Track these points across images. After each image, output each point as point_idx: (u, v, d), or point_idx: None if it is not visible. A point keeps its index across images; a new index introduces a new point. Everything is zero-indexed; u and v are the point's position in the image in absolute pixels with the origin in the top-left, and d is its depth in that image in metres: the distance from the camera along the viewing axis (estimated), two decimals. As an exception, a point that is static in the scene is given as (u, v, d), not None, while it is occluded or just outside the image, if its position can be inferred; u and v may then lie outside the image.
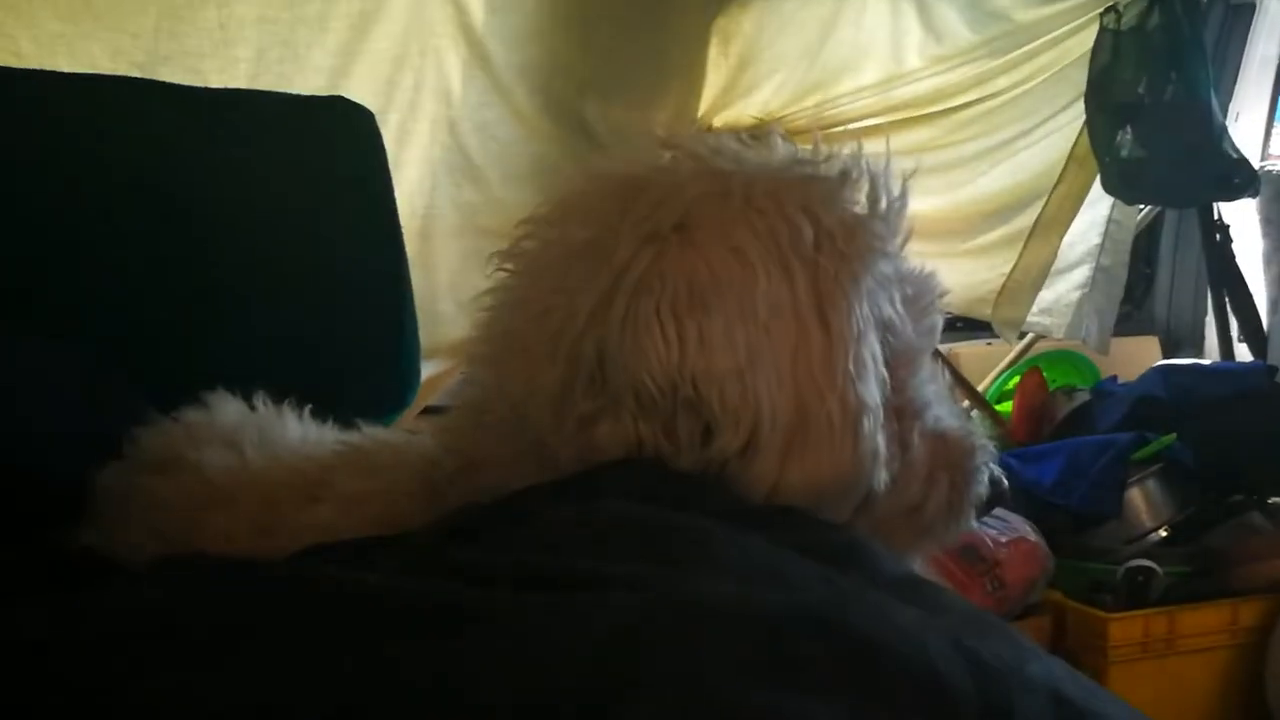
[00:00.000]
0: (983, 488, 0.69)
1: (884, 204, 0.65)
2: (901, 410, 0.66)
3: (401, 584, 0.41)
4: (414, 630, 0.38)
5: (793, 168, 0.65)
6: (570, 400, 0.61)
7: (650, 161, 0.66)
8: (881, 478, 0.61)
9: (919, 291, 0.67)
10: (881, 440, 0.61)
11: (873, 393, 0.60)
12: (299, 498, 0.71)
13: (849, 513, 0.61)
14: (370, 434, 0.80)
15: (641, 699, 0.34)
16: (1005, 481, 0.71)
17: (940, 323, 0.70)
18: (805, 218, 0.61)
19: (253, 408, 0.88)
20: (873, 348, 0.61)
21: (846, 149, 0.67)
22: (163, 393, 0.93)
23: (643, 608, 0.39)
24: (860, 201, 0.65)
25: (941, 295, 0.69)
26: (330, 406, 0.92)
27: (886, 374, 0.63)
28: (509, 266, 0.67)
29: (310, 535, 0.63)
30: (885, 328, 0.64)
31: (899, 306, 0.65)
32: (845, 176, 0.65)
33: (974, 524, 0.70)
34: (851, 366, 0.59)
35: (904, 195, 0.67)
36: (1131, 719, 0.40)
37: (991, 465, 0.70)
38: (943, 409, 0.69)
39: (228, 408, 0.87)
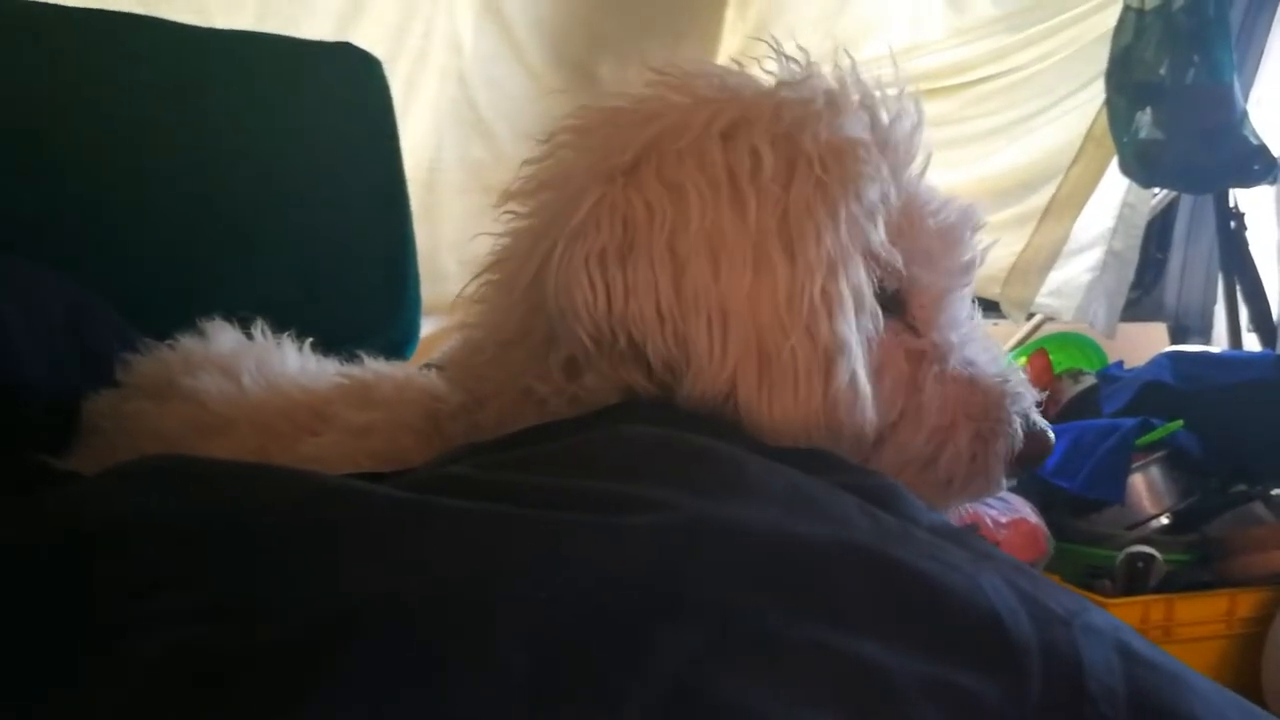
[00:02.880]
0: (1015, 440, 0.62)
1: (883, 125, 0.61)
2: (920, 353, 0.62)
3: (439, 500, 0.37)
4: (450, 533, 0.35)
5: (774, 93, 0.61)
6: (550, 345, 0.59)
7: (635, 94, 0.63)
8: (869, 420, 0.57)
9: (946, 224, 0.63)
10: (864, 379, 0.57)
11: (847, 328, 0.56)
12: (298, 428, 0.68)
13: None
14: (372, 367, 0.78)
15: (683, 625, 0.32)
16: (1050, 434, 0.65)
17: (975, 260, 0.65)
18: (772, 146, 0.57)
19: (250, 337, 0.86)
20: (855, 280, 0.57)
21: (842, 67, 0.63)
22: (162, 337, 0.91)
23: (684, 530, 0.36)
24: (851, 123, 0.60)
25: (976, 228, 0.65)
26: (339, 357, 0.90)
27: (878, 307, 0.59)
28: (512, 205, 0.65)
29: (312, 466, 0.60)
30: (876, 258, 0.59)
31: (926, 238, 0.61)
32: (829, 98, 0.61)
33: (1005, 480, 0.64)
34: (818, 300, 0.55)
35: (910, 116, 0.63)
36: (1194, 676, 0.37)
37: (1033, 414, 0.64)
38: (977, 353, 0.64)
39: (224, 336, 0.85)
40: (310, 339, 0.91)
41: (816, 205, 0.56)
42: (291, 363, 0.83)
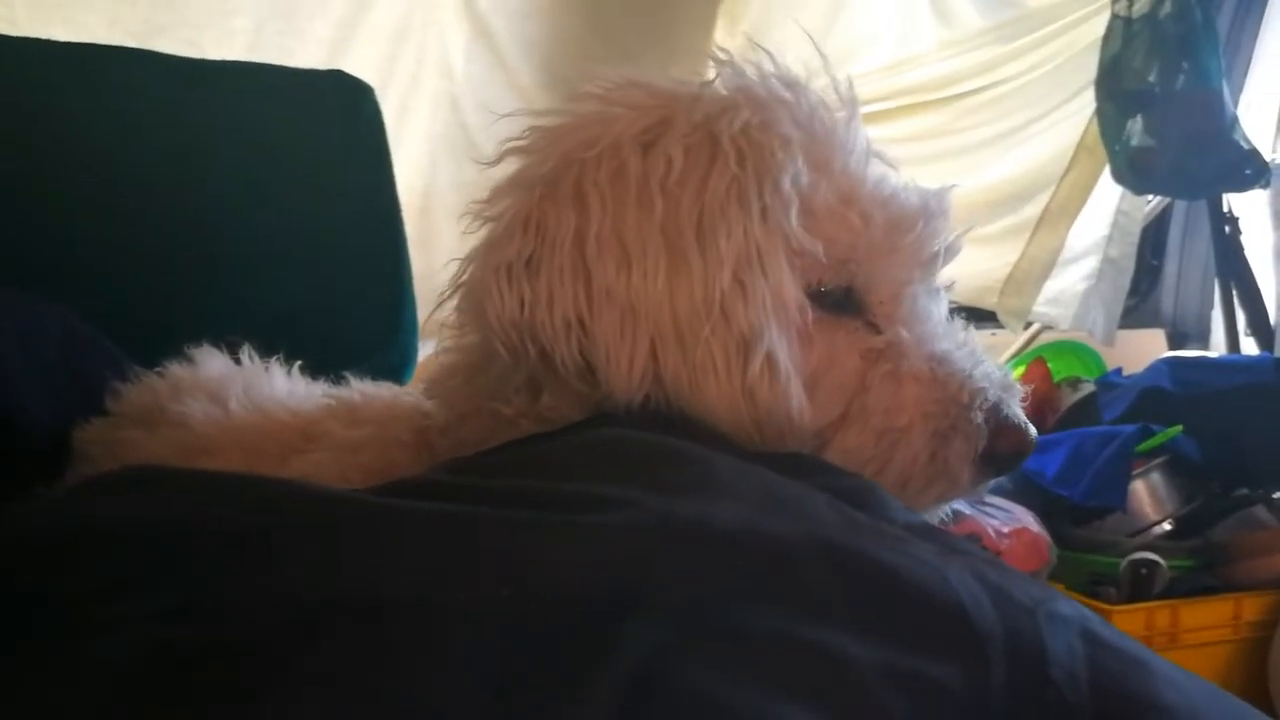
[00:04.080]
0: (977, 438, 0.59)
1: (807, 117, 0.61)
2: (876, 351, 0.60)
3: (400, 501, 0.38)
4: (416, 534, 0.35)
5: (697, 94, 0.61)
6: (514, 367, 0.60)
7: (577, 108, 0.63)
8: (794, 409, 0.56)
9: (897, 215, 0.61)
10: (785, 367, 0.56)
11: (761, 315, 0.55)
12: (285, 449, 0.69)
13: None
14: (359, 388, 0.79)
15: (648, 618, 0.32)
16: (1027, 429, 0.61)
17: (938, 251, 0.63)
18: (686, 147, 0.57)
19: (239, 363, 0.86)
20: (773, 269, 0.56)
21: (760, 63, 0.63)
22: (155, 363, 0.92)
23: (649, 527, 0.36)
24: (769, 117, 0.59)
25: (935, 217, 0.63)
26: (328, 380, 0.91)
27: (804, 299, 0.58)
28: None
29: None
30: (802, 252, 0.58)
31: (875, 231, 0.60)
32: (748, 94, 0.61)
33: (978, 480, 0.61)
34: (730, 289, 0.55)
35: (842, 106, 0.62)
36: (1159, 662, 0.37)
37: (1007, 409, 0.60)
38: (950, 349, 0.61)
39: (213, 362, 0.86)
40: (302, 363, 0.91)
41: (730, 199, 0.56)
42: (279, 386, 0.83)
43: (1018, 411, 0.61)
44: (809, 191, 0.59)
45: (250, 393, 0.80)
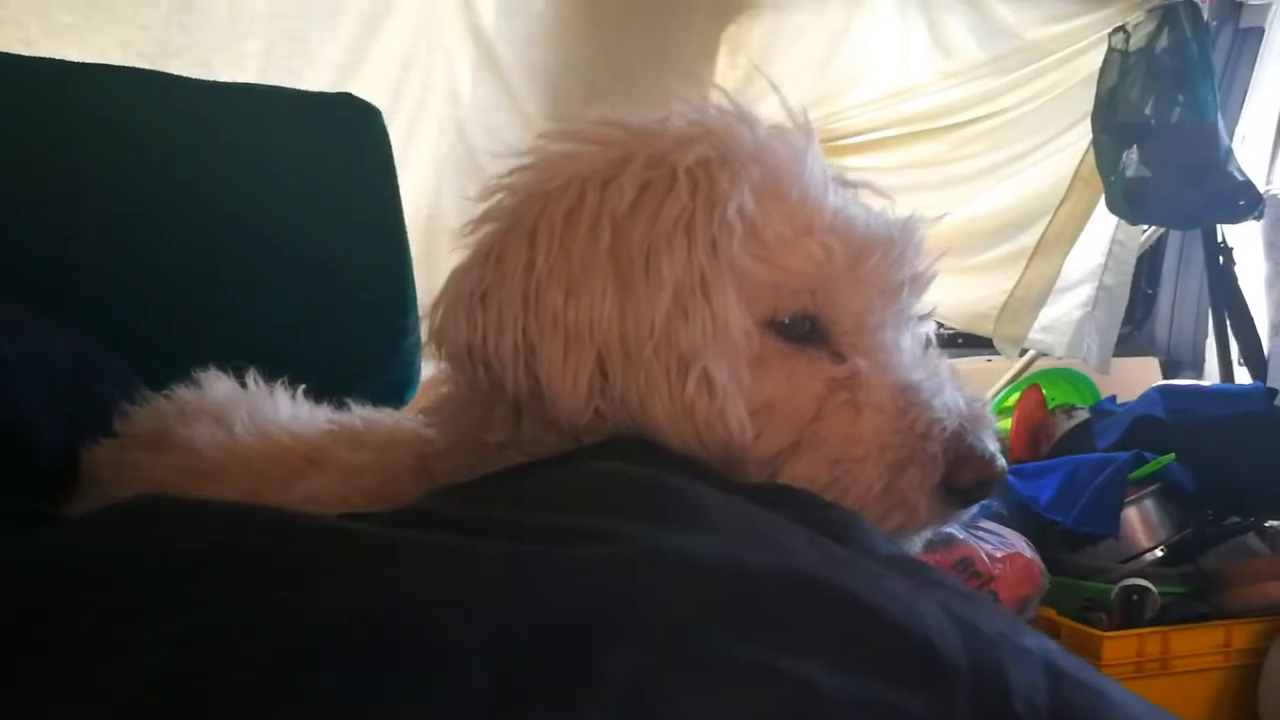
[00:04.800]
0: (932, 468, 0.59)
1: (761, 148, 0.62)
2: (837, 381, 0.60)
3: (388, 530, 0.40)
4: (415, 565, 0.37)
5: (658, 129, 0.63)
6: (498, 396, 0.62)
7: (556, 147, 0.65)
8: (734, 430, 0.57)
9: (860, 245, 0.61)
10: (725, 388, 0.57)
11: (701, 337, 0.57)
12: (289, 473, 0.71)
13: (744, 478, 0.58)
14: (361, 413, 0.81)
15: (633, 646, 0.34)
16: (993, 458, 0.60)
17: (905, 280, 0.63)
18: (639, 180, 0.59)
19: (245, 386, 0.88)
20: (716, 296, 0.58)
21: (709, 101, 0.65)
22: (164, 382, 0.94)
23: (633, 560, 0.38)
24: (721, 148, 0.61)
25: (902, 246, 0.63)
26: (330, 403, 0.92)
27: (750, 324, 0.59)
28: None
29: (306, 507, 0.63)
30: (759, 281, 0.59)
31: (838, 261, 0.60)
32: (703, 127, 0.63)
33: (944, 510, 0.60)
34: (671, 312, 0.57)
35: (799, 137, 0.64)
36: (1119, 693, 0.39)
37: (971, 439, 0.60)
38: (913, 379, 0.61)
39: (218, 386, 0.87)
40: (309, 384, 0.93)
41: (678, 229, 0.58)
42: (284, 410, 0.85)
43: (983, 441, 0.61)
44: (761, 222, 0.60)
45: (255, 417, 0.81)
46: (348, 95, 1.51)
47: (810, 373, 0.60)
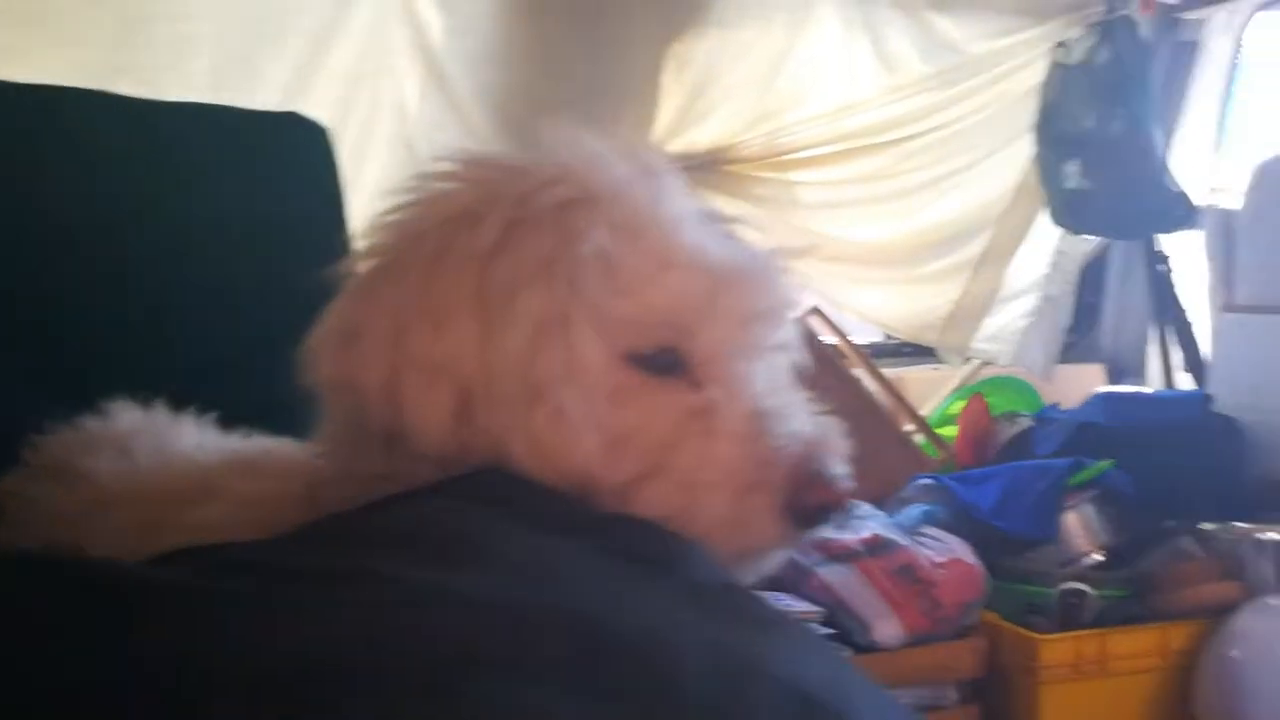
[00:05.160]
0: (775, 492, 0.60)
1: (614, 185, 0.63)
2: (692, 410, 0.61)
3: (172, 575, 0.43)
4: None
5: (523, 168, 0.64)
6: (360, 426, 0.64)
7: (436, 186, 0.66)
8: (582, 457, 0.59)
9: (718, 277, 0.63)
10: (574, 417, 0.59)
11: (548, 374, 0.59)
12: (184, 501, 0.71)
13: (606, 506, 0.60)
14: (259, 442, 0.82)
15: (366, 692, 0.36)
16: (837, 482, 0.62)
17: (766, 310, 0.65)
18: (502, 218, 0.61)
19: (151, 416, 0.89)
20: (575, 333, 0.60)
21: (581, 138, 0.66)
22: (104, 400, 0.94)
23: (378, 601, 0.41)
24: (577, 186, 0.62)
25: (762, 277, 0.65)
26: (283, 426, 0.92)
27: (601, 355, 0.60)
28: None
29: (199, 535, 0.62)
30: (610, 315, 0.60)
31: (694, 295, 0.62)
32: (561, 165, 0.64)
33: (794, 531, 0.61)
34: (525, 345, 0.59)
35: (654, 173, 0.65)
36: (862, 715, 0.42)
37: (816, 464, 0.61)
38: (766, 408, 0.62)
39: (125, 415, 0.87)
40: (253, 407, 0.93)
41: (539, 267, 0.60)
42: (188, 438, 0.85)
43: (828, 466, 0.62)
44: (619, 259, 0.61)
45: (158, 445, 0.82)
46: (294, 114, 1.51)
47: (668, 403, 0.62)
